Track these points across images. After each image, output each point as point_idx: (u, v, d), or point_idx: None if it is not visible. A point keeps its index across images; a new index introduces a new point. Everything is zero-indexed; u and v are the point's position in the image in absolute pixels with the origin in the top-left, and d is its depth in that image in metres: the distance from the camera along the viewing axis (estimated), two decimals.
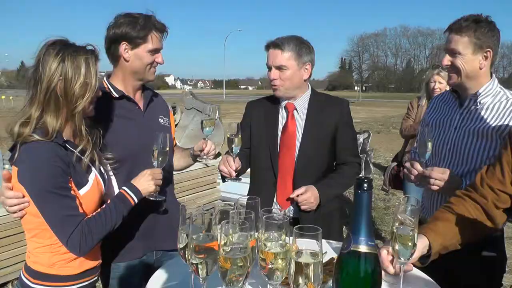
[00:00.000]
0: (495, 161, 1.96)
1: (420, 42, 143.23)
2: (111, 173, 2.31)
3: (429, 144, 2.31)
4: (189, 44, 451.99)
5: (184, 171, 3.02)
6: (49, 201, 1.87)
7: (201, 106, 9.93)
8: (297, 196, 2.58)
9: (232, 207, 1.78)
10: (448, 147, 2.44)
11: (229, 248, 1.42)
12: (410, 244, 1.65)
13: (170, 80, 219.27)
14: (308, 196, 2.58)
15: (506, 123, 2.26)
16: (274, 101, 2.83)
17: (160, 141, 2.18)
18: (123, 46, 2.33)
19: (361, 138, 9.68)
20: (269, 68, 2.67)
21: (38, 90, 1.91)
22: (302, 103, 2.77)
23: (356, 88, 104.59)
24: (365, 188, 1.32)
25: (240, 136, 2.42)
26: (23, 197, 1.90)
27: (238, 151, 2.47)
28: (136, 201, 2.13)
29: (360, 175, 2.42)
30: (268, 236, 1.50)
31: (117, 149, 2.31)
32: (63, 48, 1.92)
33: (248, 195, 2.81)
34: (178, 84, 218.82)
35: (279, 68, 2.63)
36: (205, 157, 2.52)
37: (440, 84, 4.62)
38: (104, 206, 2.06)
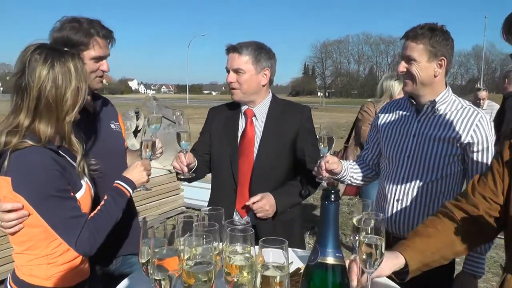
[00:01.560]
0: (487, 171, 1.95)
1: (382, 49, 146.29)
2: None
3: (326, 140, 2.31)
4: (153, 48, 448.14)
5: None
6: (51, 205, 1.81)
7: (164, 111, 9.82)
8: (253, 203, 2.55)
9: (195, 217, 1.74)
10: (406, 155, 2.45)
11: (193, 263, 1.37)
12: (377, 253, 1.64)
13: (133, 84, 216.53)
14: (263, 204, 2.55)
15: (465, 131, 2.30)
16: (235, 107, 2.80)
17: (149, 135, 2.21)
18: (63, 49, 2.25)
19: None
20: (227, 71, 2.66)
21: (26, 98, 1.82)
22: (261, 109, 2.73)
23: (319, 94, 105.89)
24: (332, 199, 1.30)
25: (189, 132, 2.41)
26: (22, 207, 1.79)
27: (188, 146, 2.45)
28: (131, 192, 2.14)
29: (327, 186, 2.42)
30: (233, 248, 1.46)
31: None
32: (50, 53, 1.84)
33: (209, 202, 2.78)
34: (142, 88, 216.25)
35: (236, 71, 2.61)
36: (152, 155, 2.42)
37: (401, 93, 4.59)
38: (103, 202, 2.04)
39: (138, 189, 2.21)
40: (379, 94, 4.97)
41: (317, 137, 2.33)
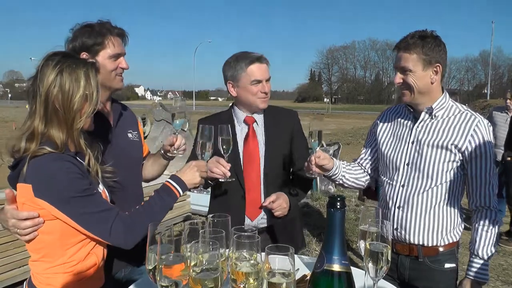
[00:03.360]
0: None
1: (389, 55, 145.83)
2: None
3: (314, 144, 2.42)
4: (159, 54, 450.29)
5: (153, 183, 2.94)
6: (77, 205, 1.80)
7: (171, 117, 9.85)
8: (270, 203, 2.63)
9: (202, 223, 1.74)
10: (406, 162, 2.45)
11: (199, 269, 1.38)
12: (383, 260, 1.64)
13: (140, 90, 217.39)
14: (281, 202, 2.65)
15: (463, 136, 2.30)
16: (226, 117, 2.86)
17: (206, 133, 2.22)
18: (83, 57, 2.27)
19: (331, 150, 9.78)
20: (258, 82, 2.70)
21: (37, 102, 1.85)
22: (260, 116, 2.84)
23: (325, 100, 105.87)
24: (338, 207, 1.30)
25: (212, 141, 2.38)
26: (39, 216, 1.81)
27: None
28: (181, 192, 2.12)
29: (334, 193, 2.45)
30: (239, 255, 1.47)
31: None
32: (62, 60, 1.86)
33: (211, 210, 2.80)
34: (148, 95, 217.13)
35: (268, 80, 2.74)
36: (175, 152, 2.46)
37: None
38: (148, 199, 2.05)
39: (194, 191, 2.18)
40: (396, 101, 5.00)
41: (308, 133, 2.44)
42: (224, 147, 2.36)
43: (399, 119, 2.57)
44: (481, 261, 2.29)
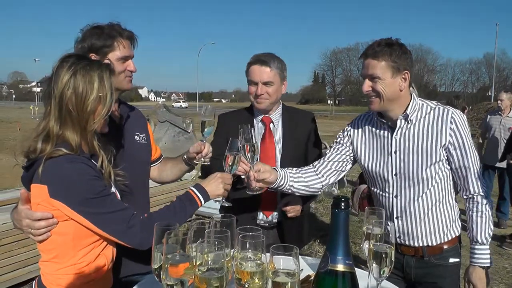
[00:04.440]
0: None
1: None
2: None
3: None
4: (163, 56, 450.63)
5: (157, 185, 2.96)
6: (93, 206, 1.81)
7: (174, 119, 9.87)
8: (286, 206, 2.76)
9: (207, 224, 1.76)
10: (393, 173, 2.43)
11: (205, 268, 1.39)
12: (386, 261, 1.65)
13: (143, 92, 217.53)
14: (296, 205, 2.80)
15: (442, 131, 2.31)
16: (246, 115, 2.95)
17: (234, 146, 2.21)
18: (93, 57, 2.29)
19: None
20: (255, 84, 2.77)
21: (52, 104, 1.86)
22: (277, 116, 2.93)
23: (329, 101, 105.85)
24: (343, 207, 1.31)
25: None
26: (52, 217, 1.82)
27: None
28: (203, 202, 2.12)
29: (337, 194, 2.47)
30: (244, 255, 1.48)
31: None
32: (76, 61, 1.87)
33: (228, 207, 2.80)
34: (152, 96, 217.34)
35: (266, 83, 2.77)
36: (202, 159, 2.45)
37: None
38: (170, 204, 2.05)
39: (216, 202, 2.21)
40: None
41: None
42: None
43: (375, 130, 2.53)
44: (482, 246, 2.32)
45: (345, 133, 2.67)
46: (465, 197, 2.39)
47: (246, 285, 1.42)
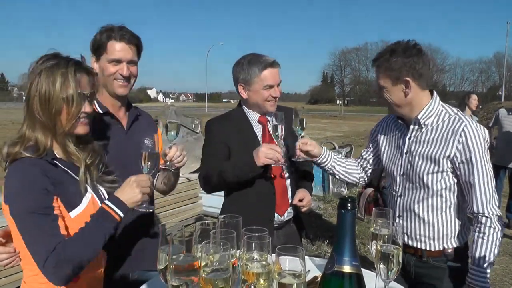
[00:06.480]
0: None
1: None
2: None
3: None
4: (172, 57, 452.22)
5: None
6: (28, 221, 1.71)
7: (183, 120, 9.89)
8: (300, 201, 2.79)
9: (213, 224, 1.75)
10: (401, 172, 2.46)
11: (210, 269, 1.38)
12: (394, 262, 1.64)
13: (152, 93, 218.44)
14: (309, 198, 2.85)
15: (450, 142, 2.25)
16: (240, 117, 2.88)
17: (147, 143, 2.01)
18: (92, 59, 2.32)
19: (343, 152, 9.74)
20: (271, 87, 2.72)
21: (24, 108, 1.85)
22: (269, 115, 2.87)
23: (338, 102, 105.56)
24: (349, 208, 1.30)
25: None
26: (15, 251, 1.83)
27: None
28: (122, 215, 1.84)
29: (346, 194, 2.47)
30: (250, 255, 1.47)
31: None
32: (44, 62, 1.82)
33: (240, 209, 2.79)
34: (161, 97, 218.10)
35: (278, 85, 2.77)
36: (168, 163, 2.23)
37: None
38: (84, 225, 1.79)
39: (139, 210, 1.97)
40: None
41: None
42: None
43: (395, 129, 2.58)
44: (478, 268, 2.24)
45: (373, 131, 2.79)
46: (470, 214, 2.34)
47: (252, 286, 1.41)
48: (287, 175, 2.85)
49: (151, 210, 2.08)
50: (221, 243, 1.45)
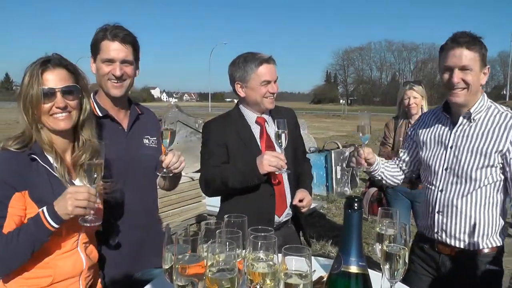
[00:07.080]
0: None
1: (405, 56, 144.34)
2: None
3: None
4: (175, 56, 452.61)
5: None
6: None
7: (186, 119, 9.90)
8: (300, 201, 2.78)
9: (218, 224, 1.74)
10: (444, 167, 2.43)
11: (216, 269, 1.38)
12: (400, 262, 1.63)
13: (156, 92, 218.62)
14: (309, 199, 2.85)
15: (503, 138, 2.26)
16: (237, 117, 2.86)
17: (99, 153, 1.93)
18: (91, 59, 2.31)
19: (347, 152, 9.72)
20: (268, 82, 2.71)
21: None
22: (267, 116, 2.87)
23: (341, 101, 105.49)
24: (356, 208, 1.29)
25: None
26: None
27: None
28: (55, 225, 1.77)
29: (350, 194, 2.47)
30: (255, 255, 1.47)
31: None
32: (34, 62, 1.91)
33: (239, 211, 2.78)
34: (164, 96, 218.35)
35: (275, 81, 2.76)
36: (165, 170, 2.19)
37: (415, 98, 4.48)
38: (19, 228, 1.80)
39: (85, 224, 1.85)
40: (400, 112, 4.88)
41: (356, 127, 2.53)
42: (279, 141, 2.48)
43: (437, 124, 2.54)
44: None
45: (412, 129, 2.76)
46: None
47: (258, 287, 1.40)
48: (285, 176, 2.82)
49: (88, 224, 1.86)
50: (227, 243, 1.45)
